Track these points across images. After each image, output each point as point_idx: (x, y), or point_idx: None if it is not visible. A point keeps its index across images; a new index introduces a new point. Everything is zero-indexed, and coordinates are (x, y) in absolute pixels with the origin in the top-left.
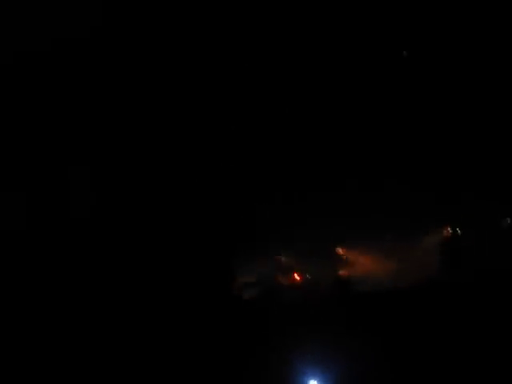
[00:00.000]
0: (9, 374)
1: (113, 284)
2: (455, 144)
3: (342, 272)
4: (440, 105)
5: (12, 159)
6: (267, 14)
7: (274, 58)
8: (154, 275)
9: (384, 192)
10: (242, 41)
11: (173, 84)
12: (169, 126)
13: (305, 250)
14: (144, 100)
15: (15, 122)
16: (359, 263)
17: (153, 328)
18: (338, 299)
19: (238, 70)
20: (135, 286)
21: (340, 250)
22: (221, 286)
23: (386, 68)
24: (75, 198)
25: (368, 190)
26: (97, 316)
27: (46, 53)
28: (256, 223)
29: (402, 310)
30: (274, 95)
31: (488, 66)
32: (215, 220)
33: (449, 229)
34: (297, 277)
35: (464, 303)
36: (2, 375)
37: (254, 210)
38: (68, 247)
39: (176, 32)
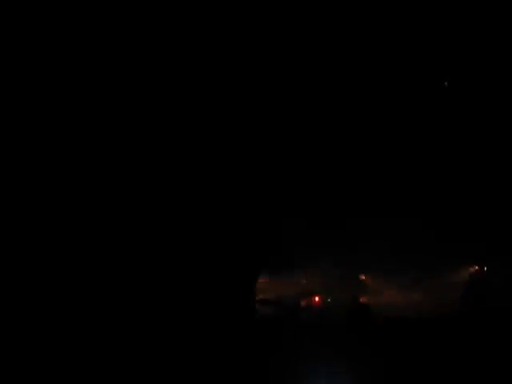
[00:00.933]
0: (9, 374)
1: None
2: (485, 183)
3: (363, 299)
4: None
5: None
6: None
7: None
8: (173, 286)
9: (413, 228)
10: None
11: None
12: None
13: (328, 274)
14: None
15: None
16: (382, 292)
17: (163, 338)
18: (356, 325)
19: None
20: (149, 297)
21: (364, 278)
22: (240, 302)
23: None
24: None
25: (399, 225)
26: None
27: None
28: (282, 242)
29: (420, 341)
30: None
31: None
32: (241, 235)
33: (475, 266)
34: (317, 299)
35: (483, 340)
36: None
37: (281, 228)
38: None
39: (176, 32)
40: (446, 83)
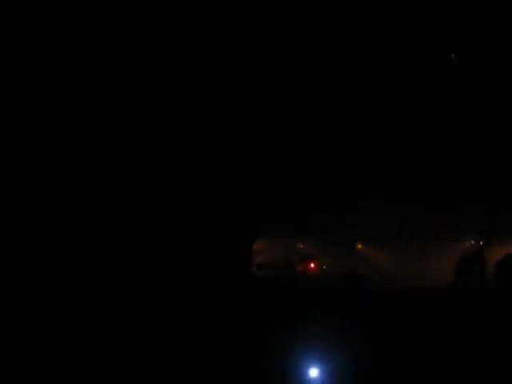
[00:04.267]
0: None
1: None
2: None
3: (358, 268)
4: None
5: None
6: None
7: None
8: (173, 250)
9: (415, 200)
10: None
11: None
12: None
13: (326, 242)
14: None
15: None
16: (378, 262)
17: (165, 303)
18: (348, 293)
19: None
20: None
21: (360, 246)
22: (237, 264)
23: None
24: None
25: (402, 197)
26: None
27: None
28: (280, 208)
29: (410, 311)
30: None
31: None
32: (239, 200)
33: (472, 241)
34: (312, 265)
35: (472, 311)
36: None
37: (281, 195)
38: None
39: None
40: (453, 56)
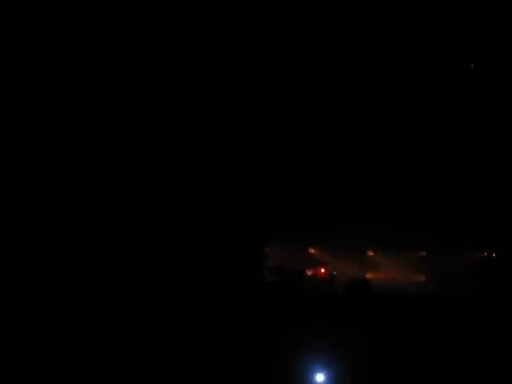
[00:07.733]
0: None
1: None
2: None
3: (369, 274)
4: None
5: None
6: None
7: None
8: (183, 248)
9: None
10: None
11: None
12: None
13: (337, 248)
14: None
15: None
16: (388, 269)
17: (175, 305)
18: (358, 299)
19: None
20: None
21: (372, 254)
22: (246, 268)
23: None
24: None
25: (415, 213)
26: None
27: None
28: (292, 212)
29: (419, 318)
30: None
31: None
32: (250, 203)
33: (484, 252)
34: (323, 270)
35: (481, 323)
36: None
37: (291, 199)
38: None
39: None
40: (472, 65)
